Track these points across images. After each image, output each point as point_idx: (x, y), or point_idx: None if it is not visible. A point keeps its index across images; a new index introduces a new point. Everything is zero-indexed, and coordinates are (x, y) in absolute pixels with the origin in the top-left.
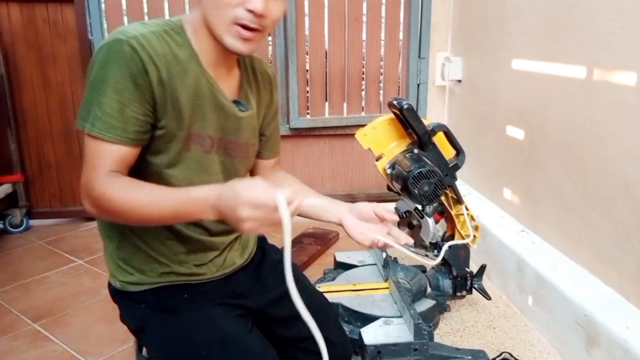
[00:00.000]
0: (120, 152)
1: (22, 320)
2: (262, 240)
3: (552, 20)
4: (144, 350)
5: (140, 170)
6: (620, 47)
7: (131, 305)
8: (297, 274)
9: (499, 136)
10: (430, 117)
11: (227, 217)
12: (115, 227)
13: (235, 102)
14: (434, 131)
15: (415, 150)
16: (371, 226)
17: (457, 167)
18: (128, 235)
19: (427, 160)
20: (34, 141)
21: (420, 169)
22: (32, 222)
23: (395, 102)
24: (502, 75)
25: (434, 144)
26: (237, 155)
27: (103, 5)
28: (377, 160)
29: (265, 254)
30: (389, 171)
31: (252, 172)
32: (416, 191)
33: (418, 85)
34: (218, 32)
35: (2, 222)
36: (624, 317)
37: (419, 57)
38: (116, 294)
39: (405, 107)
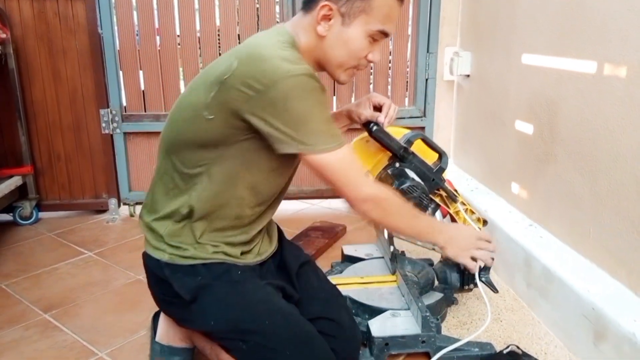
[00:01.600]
0: (352, 152)
1: (32, 311)
2: (280, 231)
3: (564, 16)
4: (158, 336)
5: (259, 163)
6: (633, 44)
7: (184, 277)
8: (308, 259)
9: (508, 131)
10: (438, 111)
11: (459, 247)
12: (179, 209)
13: None
14: (410, 142)
15: (397, 164)
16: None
17: (442, 169)
18: (190, 219)
19: (409, 172)
20: (44, 134)
21: (402, 186)
22: (42, 215)
23: (365, 124)
24: (511, 70)
25: (413, 154)
26: None
27: (113, 0)
28: None
29: (284, 243)
30: None
31: None
32: None
33: (426, 79)
34: (334, 69)
35: (12, 214)
36: (632, 311)
37: (428, 51)
38: (163, 266)
39: (374, 130)
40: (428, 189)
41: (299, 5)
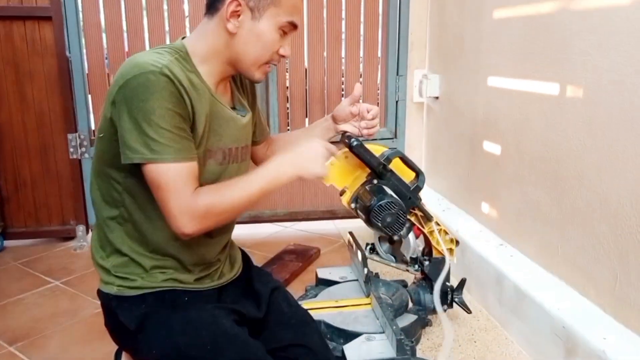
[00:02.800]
0: (194, 167)
1: None
2: (246, 257)
3: (527, 39)
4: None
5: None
6: (594, 65)
7: (130, 307)
8: (279, 285)
9: (477, 151)
10: (408, 133)
11: (307, 159)
12: (119, 241)
13: (233, 109)
14: (389, 159)
15: (375, 181)
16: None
17: (418, 188)
18: (137, 244)
19: (387, 189)
20: (10, 159)
21: (380, 202)
22: (7, 243)
23: (345, 140)
24: (478, 92)
25: (391, 171)
26: (244, 159)
27: (82, 23)
28: (341, 195)
29: (251, 268)
30: (353, 205)
31: (254, 160)
32: (379, 224)
33: (397, 101)
34: (250, 69)
35: None
36: (602, 328)
37: (397, 74)
38: (111, 299)
39: (354, 144)
40: (405, 206)
41: None
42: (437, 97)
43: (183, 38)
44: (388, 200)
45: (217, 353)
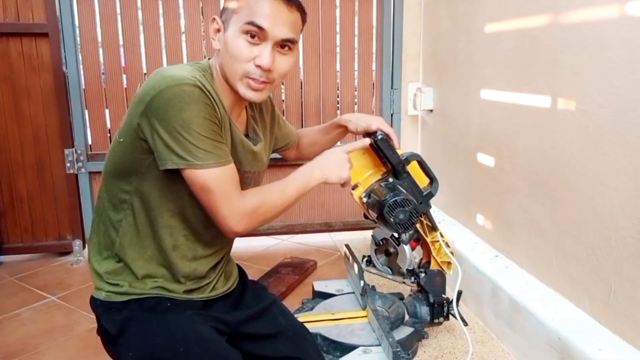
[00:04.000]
0: (235, 171)
1: None
2: (242, 273)
3: (519, 52)
4: None
5: (173, 193)
6: (585, 79)
7: (113, 313)
8: (274, 299)
9: (471, 163)
10: (403, 145)
11: (331, 165)
12: (117, 245)
13: (246, 136)
14: (407, 160)
15: (390, 179)
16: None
17: (431, 195)
18: (134, 251)
19: (402, 189)
20: (6, 174)
21: (395, 198)
22: (3, 258)
23: (369, 133)
24: (472, 104)
25: (408, 173)
26: (251, 183)
27: (78, 39)
28: (353, 189)
29: (246, 284)
30: (365, 200)
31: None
32: (392, 219)
33: (391, 114)
34: (233, 82)
35: None
36: (597, 339)
37: (392, 87)
38: (99, 305)
39: (379, 137)
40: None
41: None
42: (431, 110)
43: (209, 59)
44: (404, 197)
45: (189, 357)
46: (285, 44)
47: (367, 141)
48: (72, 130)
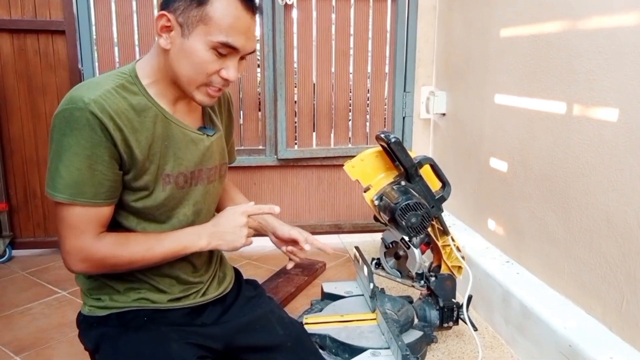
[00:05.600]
0: (99, 213)
1: (4, 353)
2: (238, 276)
3: (534, 58)
4: None
5: (120, 210)
6: (600, 85)
7: (91, 328)
8: (272, 306)
9: (483, 168)
10: (415, 149)
11: (225, 231)
12: None
13: (201, 128)
14: (420, 164)
15: (403, 183)
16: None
17: (443, 199)
18: (107, 273)
19: (414, 192)
20: (20, 171)
21: (408, 201)
22: (15, 252)
23: (382, 136)
24: (485, 109)
25: (420, 177)
26: (213, 180)
27: (94, 37)
28: (365, 191)
29: (241, 290)
30: (376, 202)
31: None
32: (404, 223)
33: (403, 118)
34: (188, 89)
35: None
36: (608, 347)
37: (405, 90)
38: (83, 320)
39: (393, 140)
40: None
41: (280, 43)
42: (443, 114)
43: (138, 60)
44: (416, 201)
45: None
46: (248, 55)
47: (276, 210)
48: None
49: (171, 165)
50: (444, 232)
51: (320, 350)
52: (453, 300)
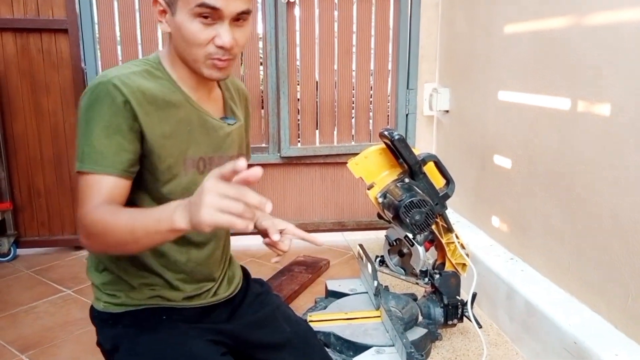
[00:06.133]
0: (111, 184)
1: (9, 352)
2: (246, 275)
3: (538, 54)
4: None
5: (145, 197)
6: (605, 81)
7: (109, 326)
8: (279, 303)
9: (487, 165)
10: (418, 146)
11: (193, 204)
12: (109, 258)
13: (223, 118)
14: (424, 161)
15: (407, 180)
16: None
17: (447, 196)
18: (123, 262)
19: (418, 189)
20: (24, 169)
21: (412, 199)
22: (20, 251)
23: (386, 133)
24: (489, 106)
25: (424, 174)
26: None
27: (97, 35)
28: (368, 189)
29: (249, 288)
30: (380, 200)
31: None
32: (408, 220)
33: (407, 115)
34: (195, 66)
35: None
36: (613, 344)
37: (408, 87)
38: (97, 316)
39: (397, 137)
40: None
41: (282, 41)
42: (447, 111)
43: (161, 50)
44: (420, 198)
45: None
46: (240, 17)
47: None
48: None
49: (193, 149)
50: (448, 229)
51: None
52: (457, 297)
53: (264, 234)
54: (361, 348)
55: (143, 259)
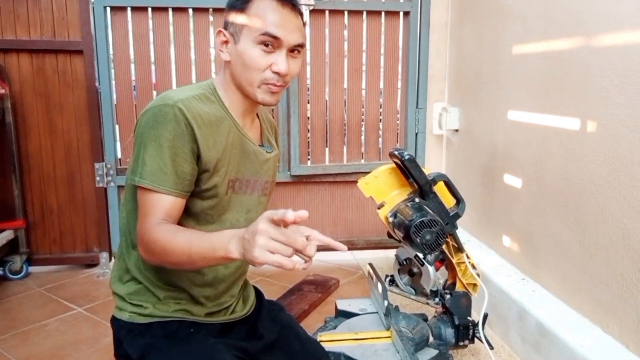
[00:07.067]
0: (170, 203)
1: None
2: (260, 295)
3: (547, 74)
4: None
5: (185, 210)
6: (613, 102)
7: (135, 336)
8: (290, 322)
9: (497, 185)
10: (428, 165)
11: (245, 237)
12: (136, 270)
13: (261, 145)
14: (434, 181)
15: (417, 199)
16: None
17: (457, 216)
18: (152, 274)
19: (428, 209)
20: (37, 187)
21: (422, 218)
22: (32, 269)
23: (396, 153)
24: (498, 125)
25: (434, 193)
26: (267, 193)
27: (111, 56)
28: (378, 208)
29: (262, 307)
30: (390, 219)
31: None
32: (418, 240)
33: (416, 134)
34: (250, 90)
35: (2, 268)
36: None
37: (417, 107)
38: (122, 326)
39: (407, 157)
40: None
41: None
42: (456, 130)
43: (215, 77)
44: (430, 217)
45: None
46: (296, 49)
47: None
48: (103, 144)
49: (235, 171)
50: (459, 249)
51: None
52: (468, 318)
53: None
54: None
55: (172, 273)
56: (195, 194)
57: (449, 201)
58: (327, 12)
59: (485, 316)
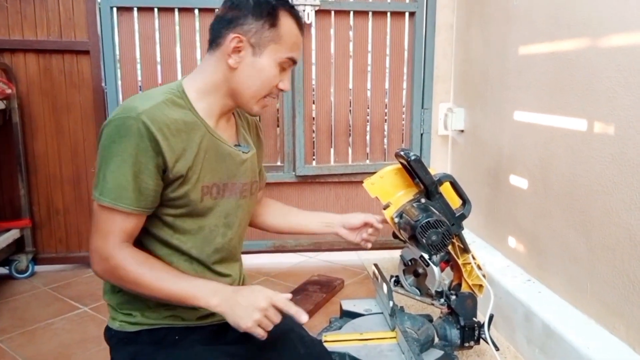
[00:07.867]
0: (131, 222)
1: None
2: None
3: (553, 76)
4: None
5: (153, 221)
6: (620, 103)
7: (125, 344)
8: (292, 324)
9: (503, 185)
10: (433, 165)
11: (239, 303)
12: None
13: (236, 145)
14: (440, 181)
15: (423, 200)
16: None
17: (463, 216)
18: None
19: (434, 209)
20: (44, 187)
21: (428, 219)
22: (37, 268)
23: (402, 153)
24: (504, 126)
25: (440, 194)
26: (246, 195)
27: (118, 56)
28: (384, 208)
29: None
30: (396, 220)
31: None
32: (424, 240)
33: (421, 134)
34: (249, 101)
35: (7, 267)
36: None
37: (422, 107)
38: (113, 335)
39: (413, 158)
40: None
41: (298, 61)
42: (462, 131)
43: (184, 77)
44: (436, 218)
45: None
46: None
47: (303, 319)
48: None
49: (209, 176)
50: (465, 250)
51: None
52: (474, 319)
53: (351, 228)
54: None
55: None
56: (167, 204)
57: (454, 202)
58: (332, 13)
59: (491, 317)
